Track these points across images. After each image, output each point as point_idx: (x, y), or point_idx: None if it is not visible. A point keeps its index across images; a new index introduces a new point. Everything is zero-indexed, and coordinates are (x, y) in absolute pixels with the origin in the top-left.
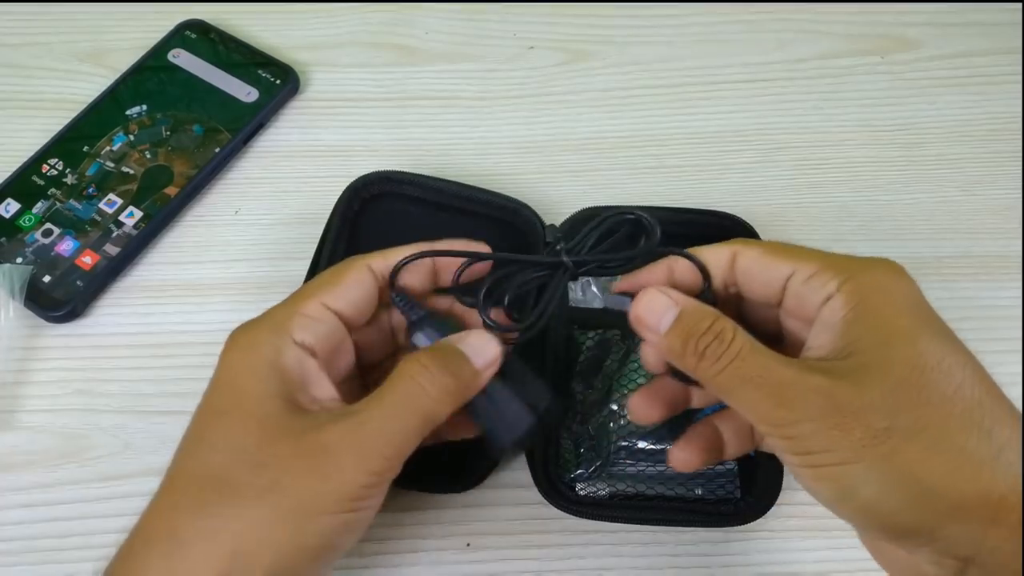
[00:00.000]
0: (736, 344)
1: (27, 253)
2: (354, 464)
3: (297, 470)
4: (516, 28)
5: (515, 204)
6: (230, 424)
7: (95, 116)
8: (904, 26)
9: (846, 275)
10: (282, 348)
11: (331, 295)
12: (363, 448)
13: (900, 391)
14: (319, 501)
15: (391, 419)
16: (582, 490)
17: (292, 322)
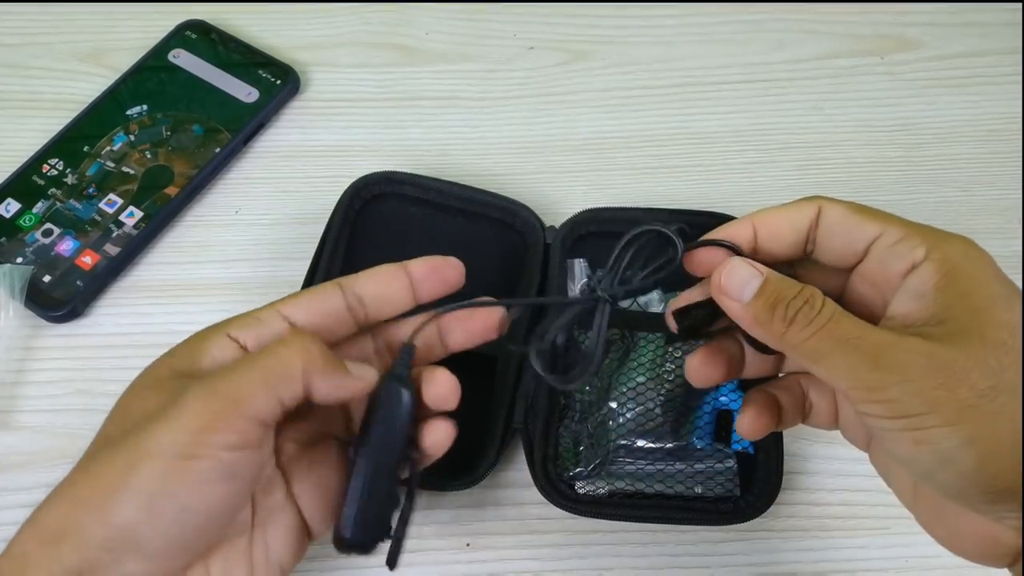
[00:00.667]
0: (828, 309)
1: (27, 253)
2: (196, 406)
3: (148, 416)
4: (516, 28)
5: (515, 205)
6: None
7: (95, 116)
8: (904, 26)
9: (932, 243)
10: (209, 335)
11: (290, 305)
12: (208, 392)
13: (1004, 352)
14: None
15: (243, 369)
16: (581, 489)
17: (237, 319)
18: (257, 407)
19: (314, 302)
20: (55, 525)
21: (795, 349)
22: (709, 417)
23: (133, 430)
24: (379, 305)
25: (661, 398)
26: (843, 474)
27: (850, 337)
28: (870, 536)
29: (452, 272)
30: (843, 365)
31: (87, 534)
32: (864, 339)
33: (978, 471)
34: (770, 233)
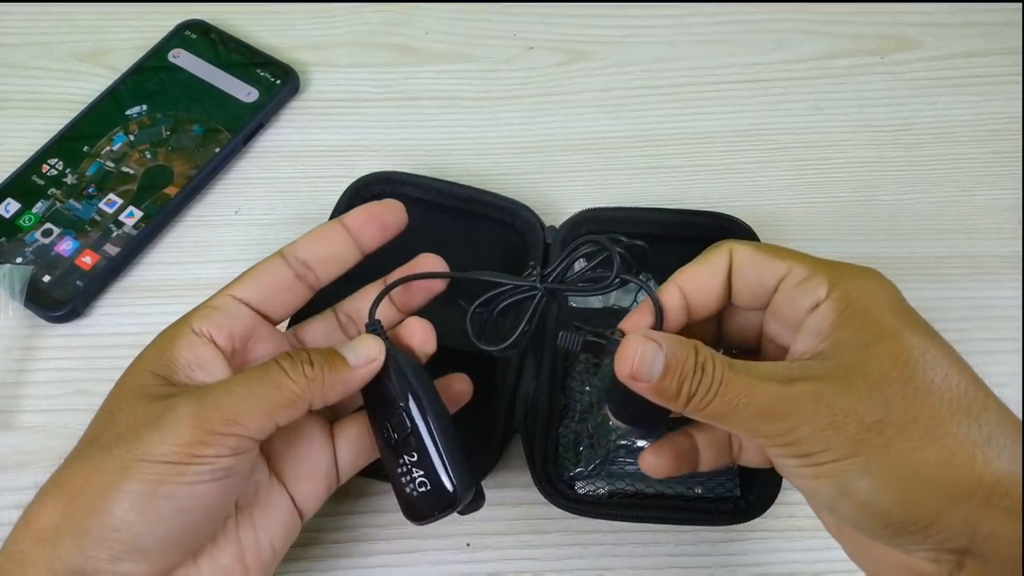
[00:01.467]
0: (718, 372)
1: (27, 253)
2: (191, 422)
3: (140, 425)
4: (516, 28)
5: (515, 205)
6: (108, 399)
7: (95, 116)
8: (904, 26)
9: (834, 281)
10: (176, 335)
11: (238, 287)
12: (203, 410)
13: (888, 385)
14: (149, 450)
15: (242, 393)
16: (581, 489)
17: (197, 314)
18: (253, 428)
19: (261, 277)
20: (51, 523)
21: (699, 418)
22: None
23: (125, 435)
24: (325, 266)
25: None
26: None
27: (740, 397)
28: None
29: (391, 216)
30: (740, 422)
31: (85, 532)
32: (753, 395)
33: (873, 503)
34: (695, 289)
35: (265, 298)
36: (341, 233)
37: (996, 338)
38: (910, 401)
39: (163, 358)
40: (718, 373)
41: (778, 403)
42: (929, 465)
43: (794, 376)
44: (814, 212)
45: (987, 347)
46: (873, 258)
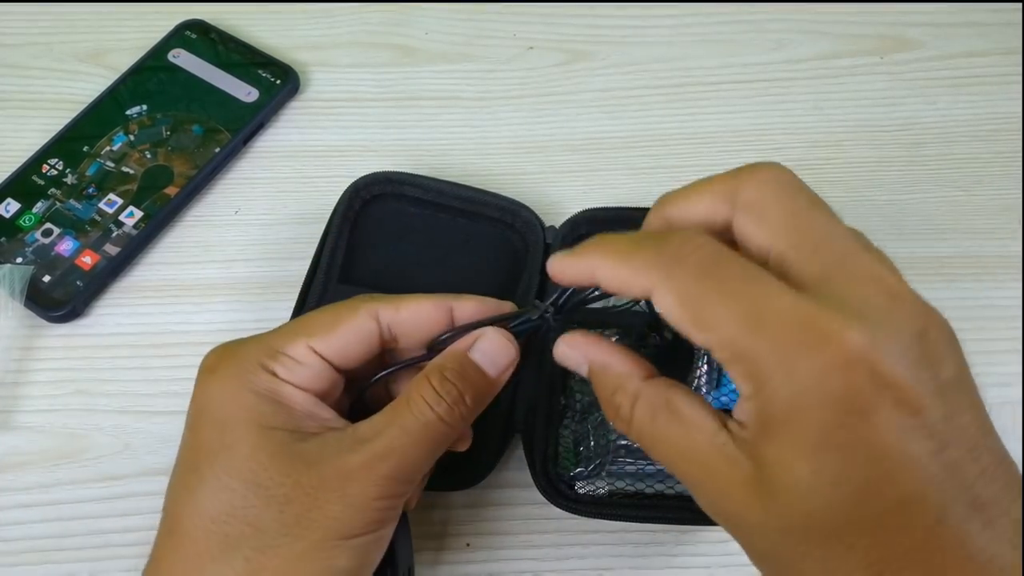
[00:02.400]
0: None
1: (27, 253)
2: (377, 490)
3: (323, 501)
4: (516, 28)
5: (515, 205)
6: (240, 463)
7: (95, 116)
8: (904, 26)
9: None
10: (272, 383)
11: (323, 341)
12: (386, 478)
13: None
14: (346, 527)
15: (411, 450)
16: (581, 489)
17: (277, 363)
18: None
19: (348, 342)
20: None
21: None
22: None
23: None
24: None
25: None
26: None
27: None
28: None
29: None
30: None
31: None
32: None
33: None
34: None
35: (347, 359)
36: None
37: (996, 338)
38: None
39: (278, 408)
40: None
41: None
42: None
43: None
44: None
45: (987, 347)
46: None
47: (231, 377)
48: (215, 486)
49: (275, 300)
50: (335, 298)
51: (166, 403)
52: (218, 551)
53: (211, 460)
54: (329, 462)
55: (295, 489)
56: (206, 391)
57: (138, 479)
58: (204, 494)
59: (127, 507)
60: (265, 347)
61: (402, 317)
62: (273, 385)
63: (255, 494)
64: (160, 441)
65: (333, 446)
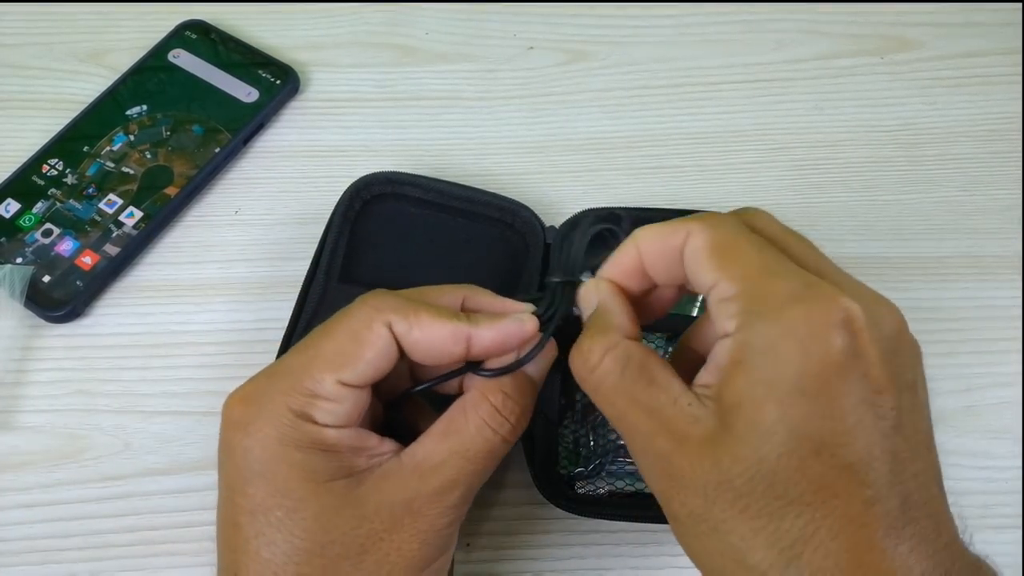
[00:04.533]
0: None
1: (27, 253)
2: (446, 520)
3: (398, 541)
4: (516, 28)
5: (515, 205)
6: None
7: (95, 116)
8: (904, 26)
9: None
10: (313, 432)
11: (351, 372)
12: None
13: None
14: (423, 560)
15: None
16: (581, 489)
17: (311, 408)
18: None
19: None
20: None
21: None
22: None
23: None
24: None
25: None
26: None
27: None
28: None
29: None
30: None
31: None
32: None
33: None
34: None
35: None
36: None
37: (996, 338)
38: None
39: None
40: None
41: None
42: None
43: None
44: (814, 212)
45: (987, 347)
46: (873, 258)
47: (269, 435)
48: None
49: (275, 300)
50: (335, 298)
51: (166, 403)
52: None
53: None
54: (395, 500)
55: (369, 538)
56: (245, 452)
57: (138, 479)
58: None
59: (127, 507)
60: (292, 390)
61: (414, 338)
62: (315, 434)
63: (329, 550)
64: (160, 441)
65: (394, 481)
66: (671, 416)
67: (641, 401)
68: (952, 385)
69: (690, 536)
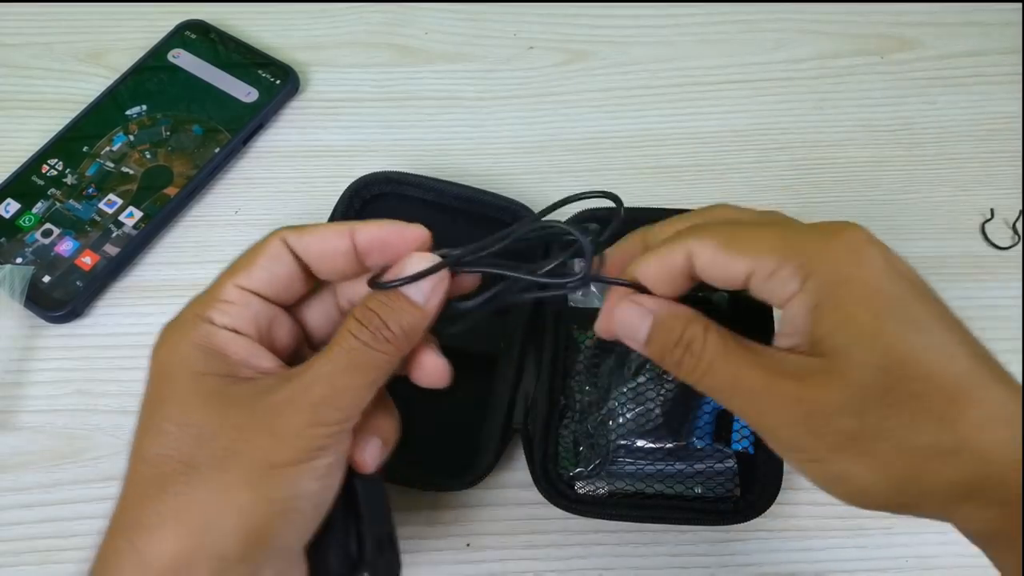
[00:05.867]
0: (707, 355)
1: (27, 253)
2: (306, 420)
3: (249, 433)
4: (516, 28)
5: (515, 205)
6: (174, 408)
7: (95, 116)
8: (904, 26)
9: (806, 269)
10: (209, 332)
11: (246, 276)
12: (313, 405)
13: (866, 394)
14: (274, 456)
15: (338, 377)
16: (581, 489)
17: (211, 309)
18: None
19: (268, 271)
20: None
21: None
22: (709, 417)
23: (234, 448)
24: (323, 270)
25: (661, 398)
26: None
27: (726, 386)
28: (870, 536)
29: (405, 246)
30: (728, 404)
31: (223, 556)
32: (739, 386)
33: (861, 493)
34: (652, 282)
35: (274, 290)
36: (347, 245)
37: (996, 338)
38: (886, 411)
39: (214, 356)
40: (707, 355)
41: (762, 398)
42: (905, 471)
43: (781, 371)
44: (814, 212)
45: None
46: None
47: (172, 333)
48: (153, 432)
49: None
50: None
51: None
52: (154, 491)
53: (152, 410)
54: (259, 400)
55: (223, 427)
56: (151, 356)
57: None
58: (145, 441)
59: None
60: (201, 299)
61: (306, 241)
62: (209, 334)
63: (187, 434)
64: None
65: (263, 387)
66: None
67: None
68: None
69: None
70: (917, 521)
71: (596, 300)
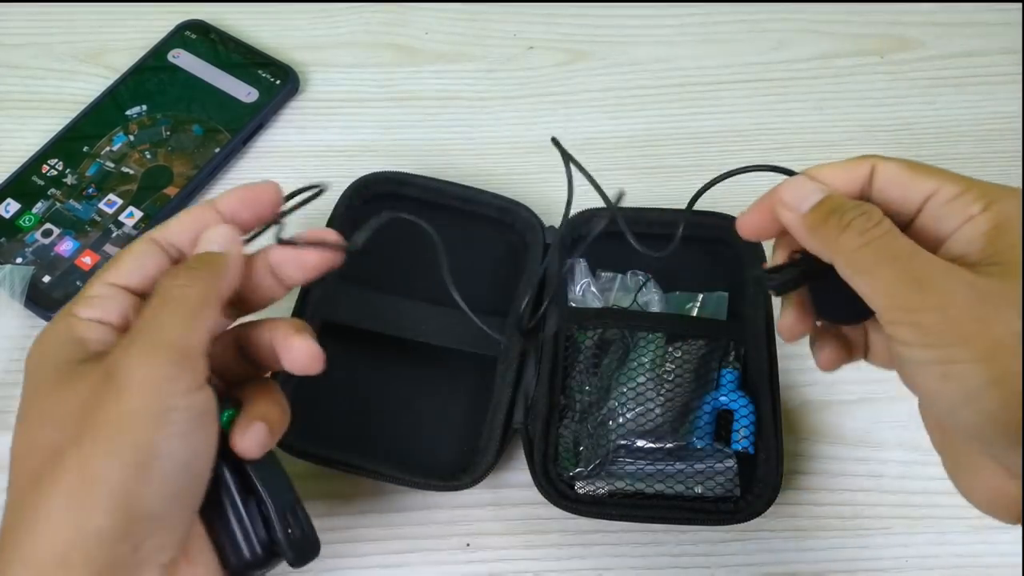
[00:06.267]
0: (885, 224)
1: (27, 253)
2: (143, 373)
3: (95, 399)
4: (516, 28)
5: (515, 205)
6: (36, 401)
7: (95, 116)
8: (904, 26)
9: (989, 199)
10: (71, 324)
11: (113, 272)
12: (144, 357)
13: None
14: (120, 417)
15: (160, 322)
16: (581, 489)
17: (76, 306)
18: (194, 343)
19: (135, 263)
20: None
21: (844, 257)
22: (709, 417)
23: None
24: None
25: (661, 398)
26: (843, 474)
27: (900, 254)
28: (870, 536)
29: (266, 197)
30: (887, 280)
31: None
32: (914, 259)
33: (1001, 412)
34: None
35: (143, 284)
36: (213, 218)
37: None
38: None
39: (73, 345)
40: (885, 224)
41: (937, 276)
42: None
43: (952, 261)
44: None
45: None
46: None
47: (43, 333)
48: (22, 429)
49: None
50: (336, 297)
51: None
52: (29, 487)
53: (23, 408)
54: (96, 369)
55: (75, 404)
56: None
57: None
58: (17, 440)
59: None
60: (73, 299)
61: (172, 230)
62: (70, 326)
63: (48, 422)
64: None
65: (107, 357)
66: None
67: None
68: None
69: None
70: (917, 521)
71: (596, 301)
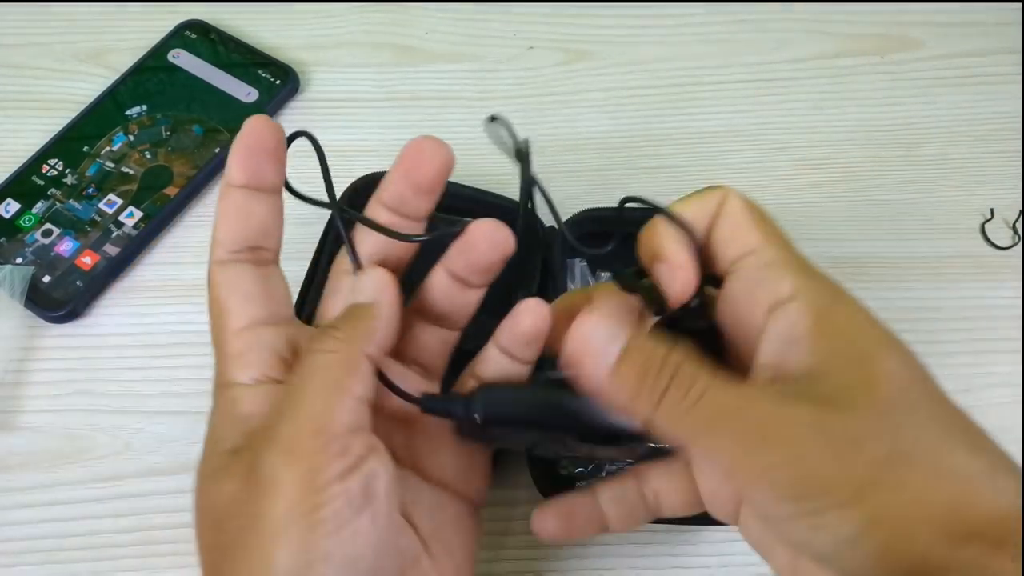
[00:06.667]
0: (701, 379)
1: (27, 253)
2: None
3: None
4: (516, 28)
5: (515, 205)
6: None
7: (95, 116)
8: (904, 26)
9: (802, 280)
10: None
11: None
12: (284, 448)
13: (890, 414)
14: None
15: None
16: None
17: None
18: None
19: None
20: None
21: (668, 429)
22: None
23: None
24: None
25: None
26: None
27: (728, 415)
28: None
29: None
30: (723, 447)
31: None
32: (744, 414)
33: (883, 554)
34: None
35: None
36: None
37: (996, 338)
38: (914, 432)
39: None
40: (702, 380)
41: (775, 427)
42: (940, 506)
43: (789, 396)
44: (814, 212)
45: (987, 347)
46: (873, 258)
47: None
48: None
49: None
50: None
51: (166, 403)
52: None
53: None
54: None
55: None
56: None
57: (138, 479)
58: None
59: (127, 507)
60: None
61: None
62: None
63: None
64: (161, 441)
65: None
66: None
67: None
68: (952, 385)
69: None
70: None
71: None
